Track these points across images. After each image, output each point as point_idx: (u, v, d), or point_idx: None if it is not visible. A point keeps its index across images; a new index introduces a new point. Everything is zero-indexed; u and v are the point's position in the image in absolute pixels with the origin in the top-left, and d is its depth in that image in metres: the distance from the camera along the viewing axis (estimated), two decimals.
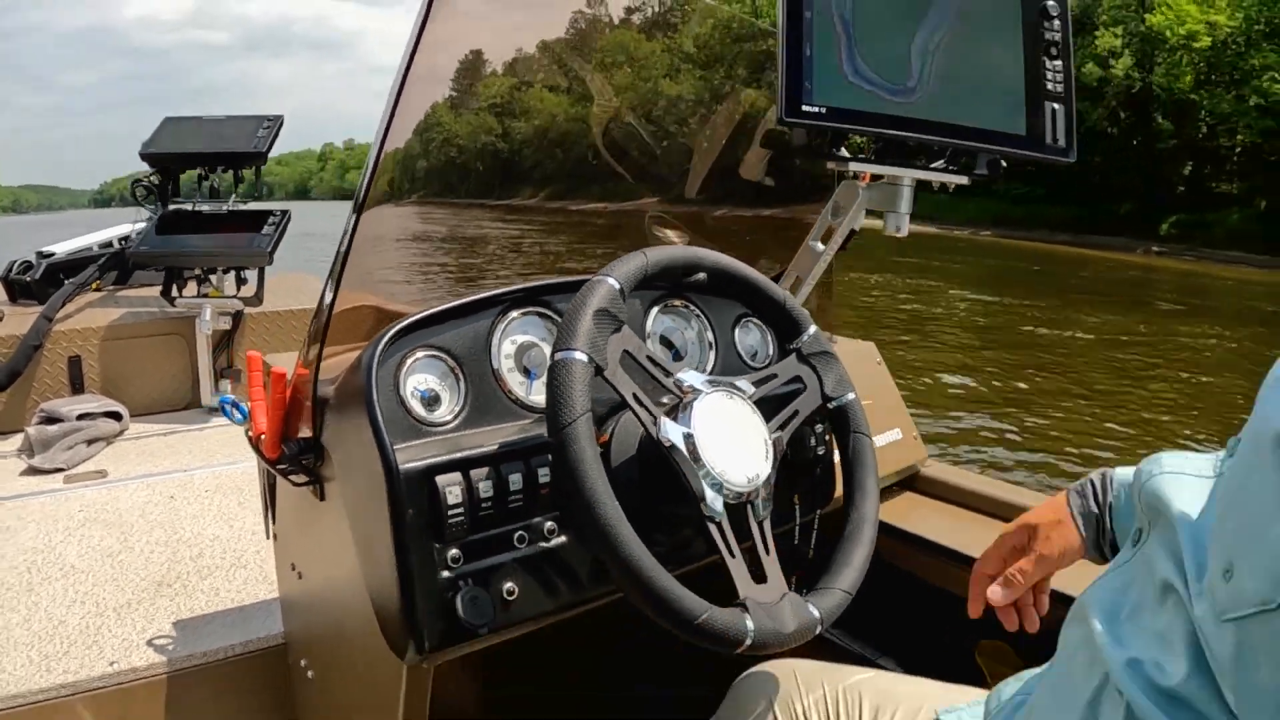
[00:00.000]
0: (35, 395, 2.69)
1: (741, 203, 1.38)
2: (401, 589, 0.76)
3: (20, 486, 2.14)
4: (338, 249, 0.84)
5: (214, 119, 3.26)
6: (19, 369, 2.66)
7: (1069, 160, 1.20)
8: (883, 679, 0.96)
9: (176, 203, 3.17)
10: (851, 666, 0.97)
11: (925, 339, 9.92)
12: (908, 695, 0.91)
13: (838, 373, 0.99)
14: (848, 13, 1.09)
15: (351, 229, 0.82)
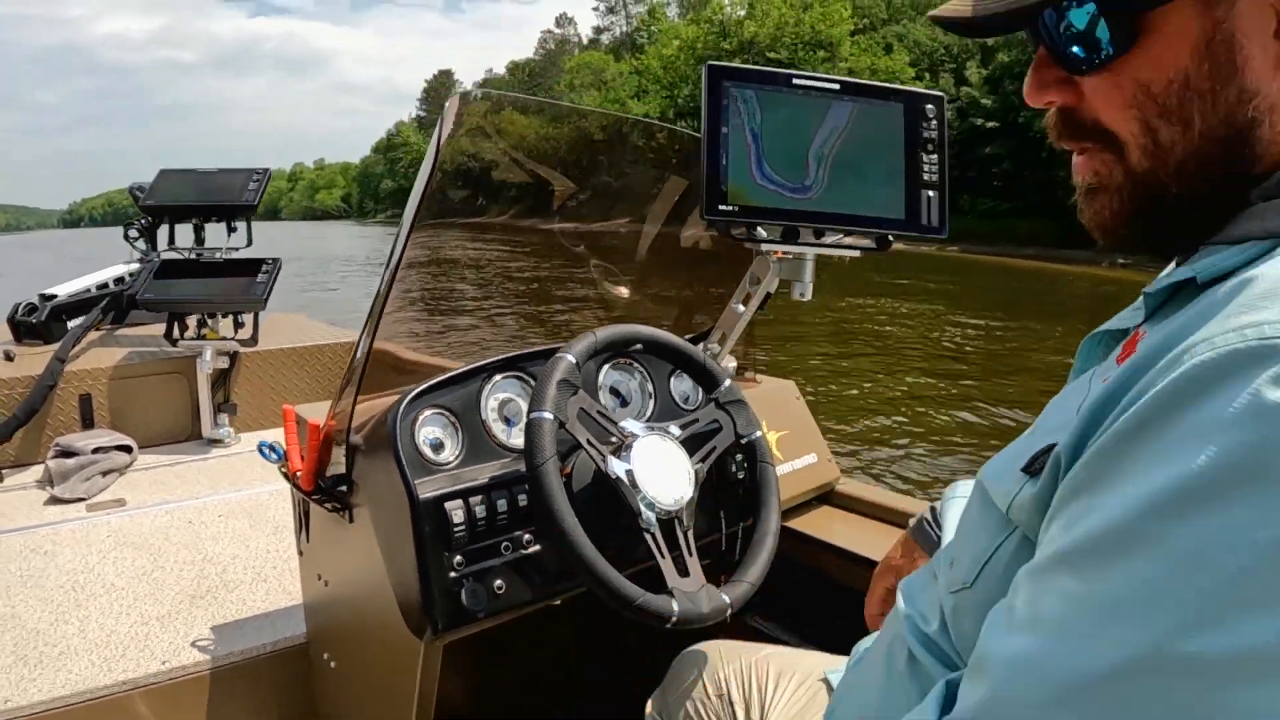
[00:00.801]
0: (49, 430, 2.92)
1: (680, 267, 1.68)
2: (421, 585, 1.05)
3: (49, 515, 2.38)
4: (354, 353, 1.12)
5: (207, 172, 3.51)
6: (36, 407, 2.90)
7: (942, 237, 1.49)
8: (788, 652, 1.24)
9: (174, 249, 3.42)
10: (764, 644, 1.26)
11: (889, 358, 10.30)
12: (806, 663, 1.19)
13: (748, 416, 1.28)
14: (756, 128, 1.38)
15: (367, 352, 1.10)
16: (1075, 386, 0.65)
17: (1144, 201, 0.62)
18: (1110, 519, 0.46)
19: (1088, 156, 0.64)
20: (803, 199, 1.40)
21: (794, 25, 46.64)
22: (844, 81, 1.43)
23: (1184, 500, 0.43)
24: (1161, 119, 0.59)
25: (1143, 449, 0.47)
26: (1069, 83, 0.62)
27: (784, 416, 1.69)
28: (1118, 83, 0.60)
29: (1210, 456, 0.43)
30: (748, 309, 1.51)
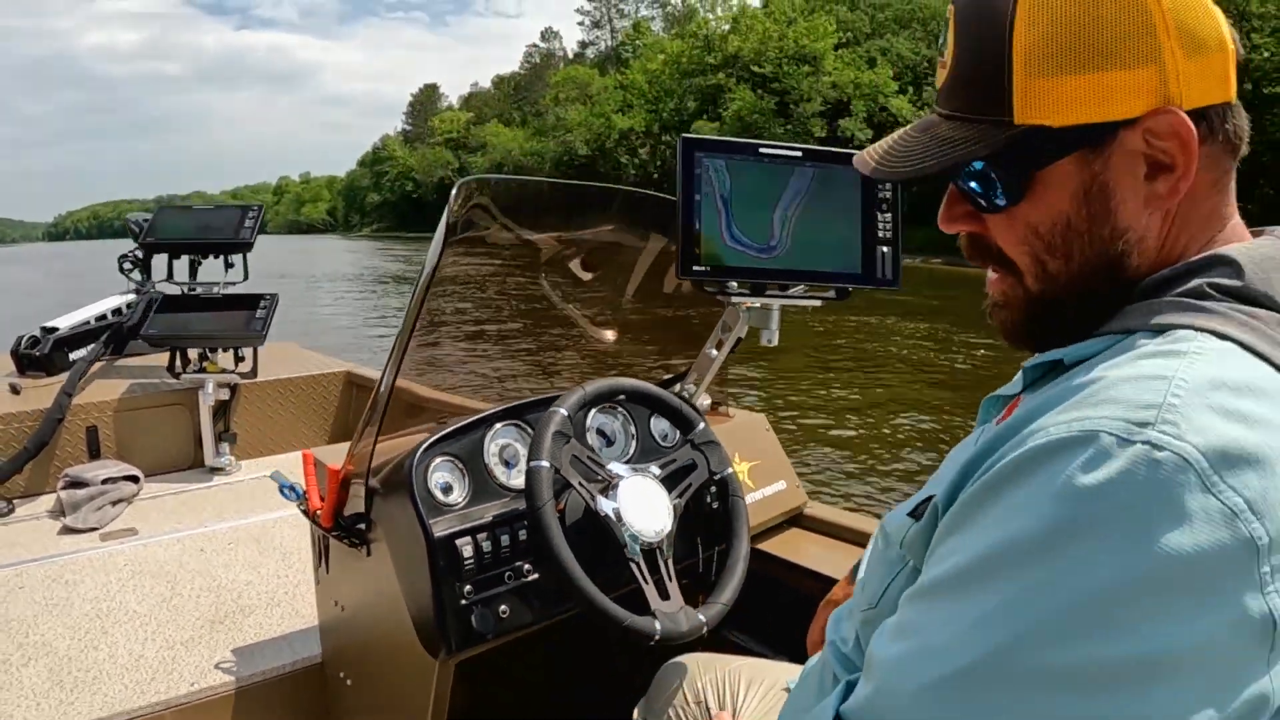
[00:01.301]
0: (57, 462, 3.05)
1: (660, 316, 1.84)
2: (436, 611, 1.21)
3: (65, 545, 2.51)
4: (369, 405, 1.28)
5: (204, 209, 3.67)
6: (46, 439, 3.02)
7: (895, 287, 1.65)
8: (759, 663, 1.39)
9: (173, 283, 3.55)
10: (738, 655, 1.41)
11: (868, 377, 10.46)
12: (775, 672, 1.35)
13: (720, 454, 1.45)
14: (726, 194, 1.54)
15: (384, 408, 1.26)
16: (968, 440, 0.78)
17: (1039, 316, 0.73)
18: (965, 560, 0.58)
19: (997, 277, 0.75)
20: (769, 257, 1.56)
21: (778, 40, 46.93)
22: (806, 149, 1.58)
23: (1012, 554, 0.55)
24: (1047, 254, 0.70)
25: (991, 507, 0.58)
26: (975, 215, 0.73)
27: (755, 448, 1.86)
28: (1011, 224, 0.71)
29: (1029, 524, 0.55)
30: (720, 353, 1.67)
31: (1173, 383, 0.56)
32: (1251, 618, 0.51)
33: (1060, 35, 0.65)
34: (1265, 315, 0.63)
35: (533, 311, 1.60)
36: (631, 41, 74.12)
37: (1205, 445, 0.52)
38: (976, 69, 0.68)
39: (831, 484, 6.34)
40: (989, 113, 0.68)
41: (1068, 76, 0.65)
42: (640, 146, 53.64)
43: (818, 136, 42.95)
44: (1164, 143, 0.65)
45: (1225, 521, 0.51)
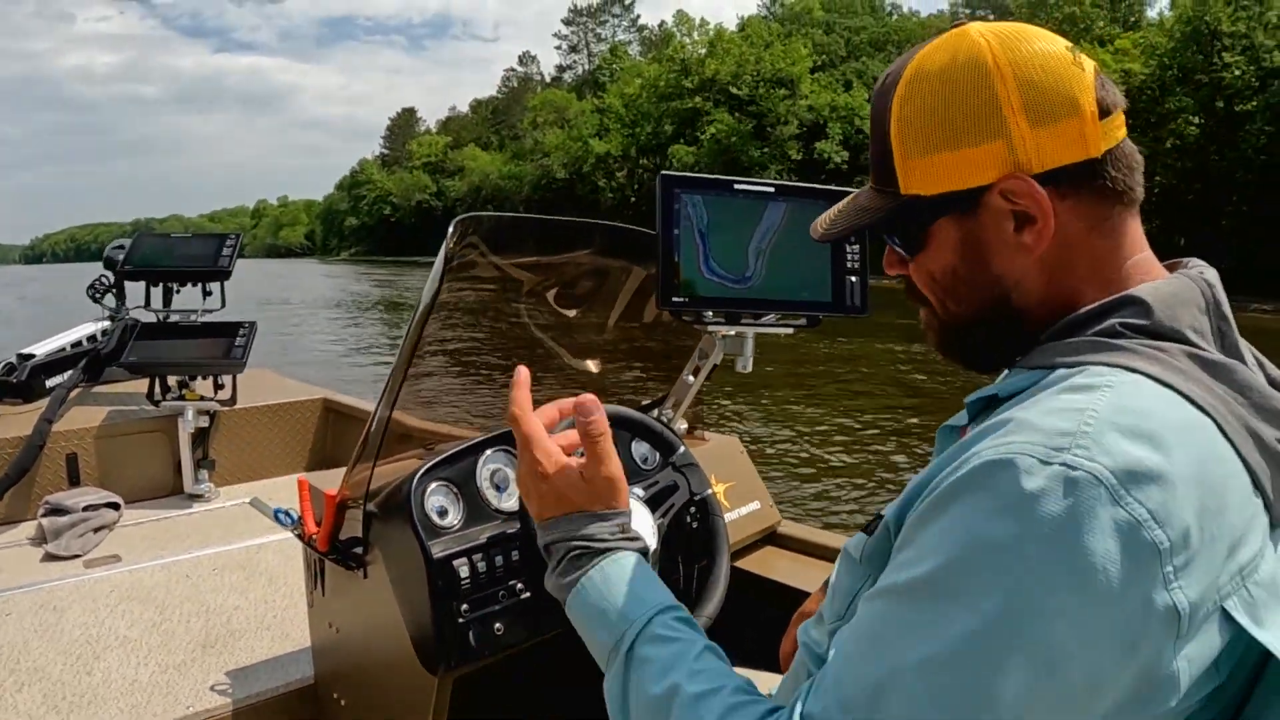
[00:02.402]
0: (37, 489, 3.06)
1: (640, 343, 1.92)
2: (435, 630, 1.26)
3: (50, 572, 2.53)
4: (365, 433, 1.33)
5: (182, 237, 3.70)
6: (26, 466, 3.04)
7: (864, 315, 1.73)
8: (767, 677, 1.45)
9: (149, 310, 3.58)
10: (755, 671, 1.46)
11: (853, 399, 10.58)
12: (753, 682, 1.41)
13: (700, 476, 1.52)
14: (704, 228, 1.61)
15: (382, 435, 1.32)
16: (921, 473, 0.86)
17: (954, 340, 0.88)
18: (912, 571, 0.66)
19: (923, 309, 0.89)
20: (744, 288, 1.63)
21: (755, 63, 47.47)
22: (778, 185, 1.66)
23: (948, 566, 0.64)
24: (945, 295, 0.85)
25: (931, 524, 0.67)
26: (903, 262, 0.88)
27: (730, 469, 1.93)
28: (919, 271, 0.86)
29: (960, 538, 0.64)
30: (697, 379, 1.74)
31: (1086, 413, 0.64)
32: (1158, 609, 0.60)
33: (923, 122, 0.78)
34: (1172, 348, 0.71)
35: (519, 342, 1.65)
36: (609, 65, 74.67)
37: (1113, 465, 0.61)
38: (876, 150, 0.83)
39: (804, 503, 6.43)
40: (888, 185, 0.82)
41: (932, 155, 0.78)
42: (618, 170, 53.89)
43: (795, 159, 43.40)
44: (1022, 202, 0.76)
45: (1131, 530, 0.60)
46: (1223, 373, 0.71)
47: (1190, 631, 0.62)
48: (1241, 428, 0.68)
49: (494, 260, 1.48)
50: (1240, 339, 0.77)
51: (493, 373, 1.93)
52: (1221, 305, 0.77)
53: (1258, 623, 0.66)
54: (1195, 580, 0.61)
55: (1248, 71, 27.92)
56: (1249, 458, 0.67)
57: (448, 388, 1.83)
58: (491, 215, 1.35)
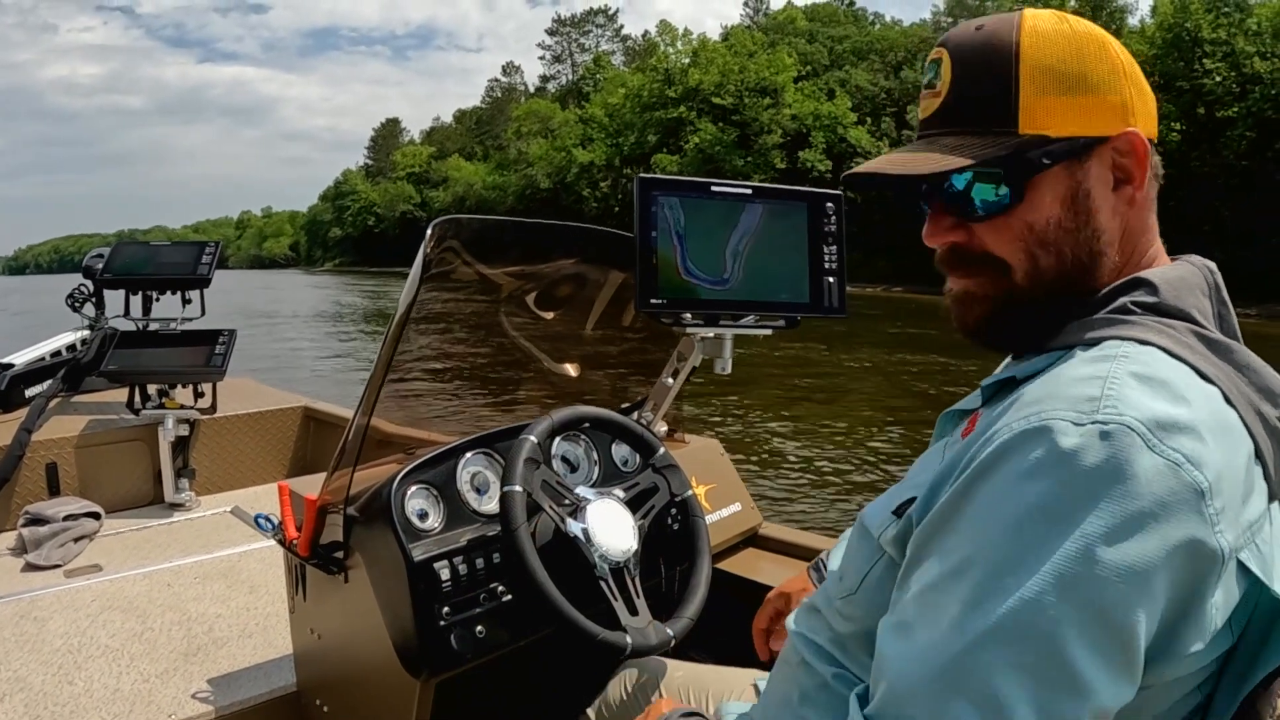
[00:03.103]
0: (17, 499, 3.04)
1: (620, 346, 1.93)
2: (417, 633, 1.27)
3: (31, 582, 2.52)
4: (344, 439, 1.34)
5: (162, 245, 3.68)
6: (6, 476, 3.02)
7: (842, 316, 1.74)
8: (713, 669, 1.45)
9: (128, 319, 3.56)
10: (690, 663, 1.47)
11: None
12: (728, 678, 1.41)
13: (680, 478, 1.53)
14: (681, 230, 1.63)
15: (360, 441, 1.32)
16: (933, 451, 0.89)
17: (1009, 312, 0.83)
18: (956, 554, 0.68)
19: (975, 277, 0.84)
20: (722, 289, 1.64)
21: (738, 72, 47.62)
22: (755, 186, 1.66)
23: (994, 536, 0.65)
24: (1041, 249, 0.81)
25: (967, 505, 0.68)
26: (961, 226, 0.83)
27: (710, 472, 1.94)
28: (1007, 224, 0.81)
29: (1006, 509, 0.65)
30: (676, 382, 1.75)
31: (1108, 379, 0.68)
32: (1207, 549, 0.63)
33: (1059, 65, 0.79)
34: (1179, 325, 0.75)
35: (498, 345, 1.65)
36: (592, 75, 74.80)
37: (1142, 416, 0.64)
38: (980, 92, 0.80)
39: (785, 505, 6.46)
40: (995, 125, 0.79)
41: (1063, 97, 0.79)
42: (602, 180, 53.94)
43: (779, 168, 43.57)
44: (1125, 159, 0.80)
45: (1171, 472, 0.62)
46: (1224, 351, 0.75)
47: (1224, 576, 0.65)
48: (1245, 401, 0.71)
49: (472, 264, 1.49)
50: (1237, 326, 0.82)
51: (472, 377, 1.94)
52: (1221, 291, 0.82)
53: (1267, 578, 0.69)
54: (1228, 525, 0.65)
55: (1229, 78, 28.22)
56: (1252, 427, 0.71)
57: (428, 392, 1.83)
58: (470, 218, 1.35)
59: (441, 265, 1.39)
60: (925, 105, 0.84)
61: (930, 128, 0.84)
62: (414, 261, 1.31)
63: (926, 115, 0.84)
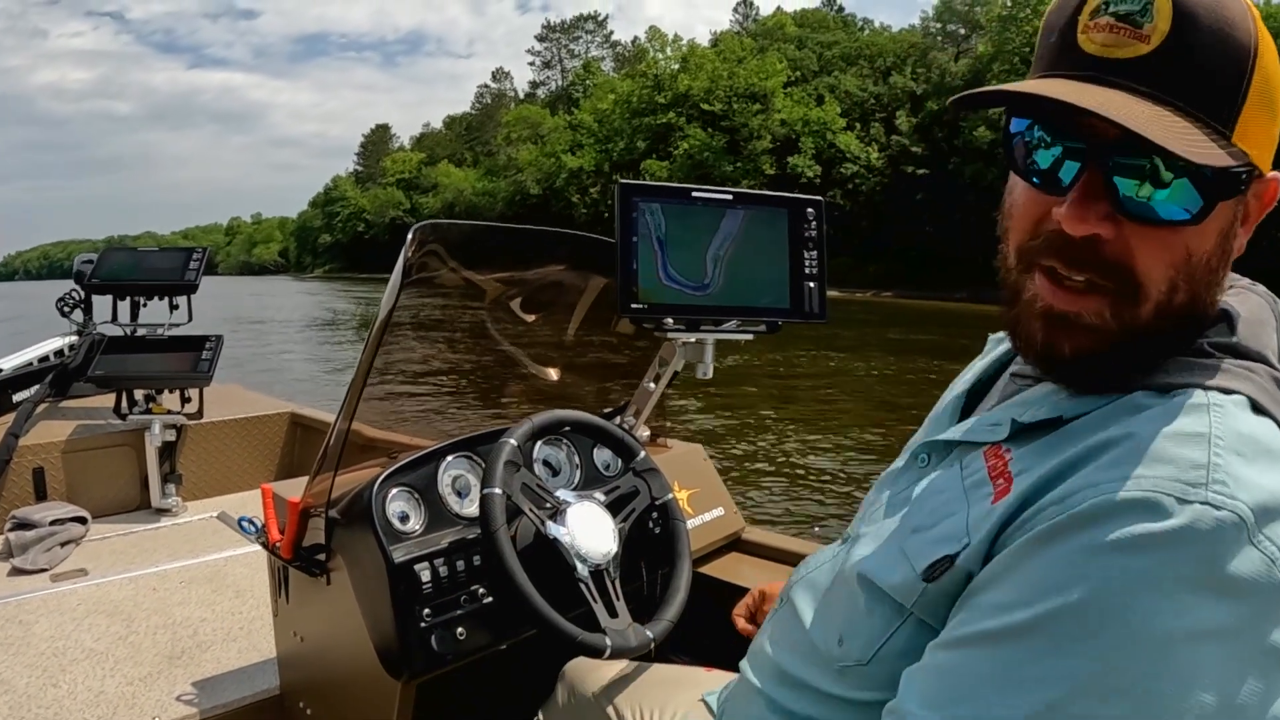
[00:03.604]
0: (4, 503, 3.03)
1: (601, 351, 1.95)
2: (398, 635, 1.28)
3: (17, 586, 2.52)
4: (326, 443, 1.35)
5: (149, 251, 3.69)
6: None
7: (822, 321, 1.75)
8: (695, 671, 1.46)
9: (116, 324, 3.56)
10: (671, 664, 1.49)
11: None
12: (708, 680, 1.43)
13: (661, 481, 1.54)
14: (662, 236, 1.64)
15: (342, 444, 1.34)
16: (952, 495, 0.74)
17: (1127, 347, 0.68)
18: (1020, 614, 0.59)
19: (1090, 295, 0.68)
20: (702, 295, 1.66)
21: (728, 78, 47.78)
22: (736, 192, 1.68)
23: (1073, 605, 0.58)
24: (1185, 282, 0.67)
25: (1038, 563, 0.60)
26: (1114, 219, 0.66)
27: (693, 476, 1.96)
28: (1172, 243, 0.66)
29: (1092, 577, 0.57)
30: (658, 387, 1.77)
31: (1211, 440, 0.60)
32: (1276, 647, 0.58)
33: (1273, 78, 0.66)
34: (1259, 369, 0.68)
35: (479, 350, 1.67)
36: (582, 81, 74.93)
37: (1252, 502, 0.57)
38: (1211, 66, 0.64)
39: (768, 509, 6.51)
40: (1214, 120, 0.64)
41: (1268, 117, 0.66)
42: (591, 186, 54.03)
43: (768, 174, 43.70)
44: (1256, 201, 0.70)
45: (1267, 568, 0.57)
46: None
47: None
48: None
49: (454, 268, 1.51)
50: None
51: (455, 381, 1.95)
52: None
53: None
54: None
55: None
56: None
57: (410, 396, 1.84)
58: (451, 222, 1.38)
59: (423, 270, 1.41)
60: (1115, 42, 0.65)
61: (1125, 75, 0.64)
62: (395, 266, 1.33)
63: (1120, 56, 0.65)
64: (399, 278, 1.31)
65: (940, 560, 0.69)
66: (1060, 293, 0.69)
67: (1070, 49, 0.67)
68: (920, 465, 0.83)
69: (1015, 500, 0.65)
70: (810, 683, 0.82)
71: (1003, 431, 0.73)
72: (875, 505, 0.88)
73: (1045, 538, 0.61)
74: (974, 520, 0.68)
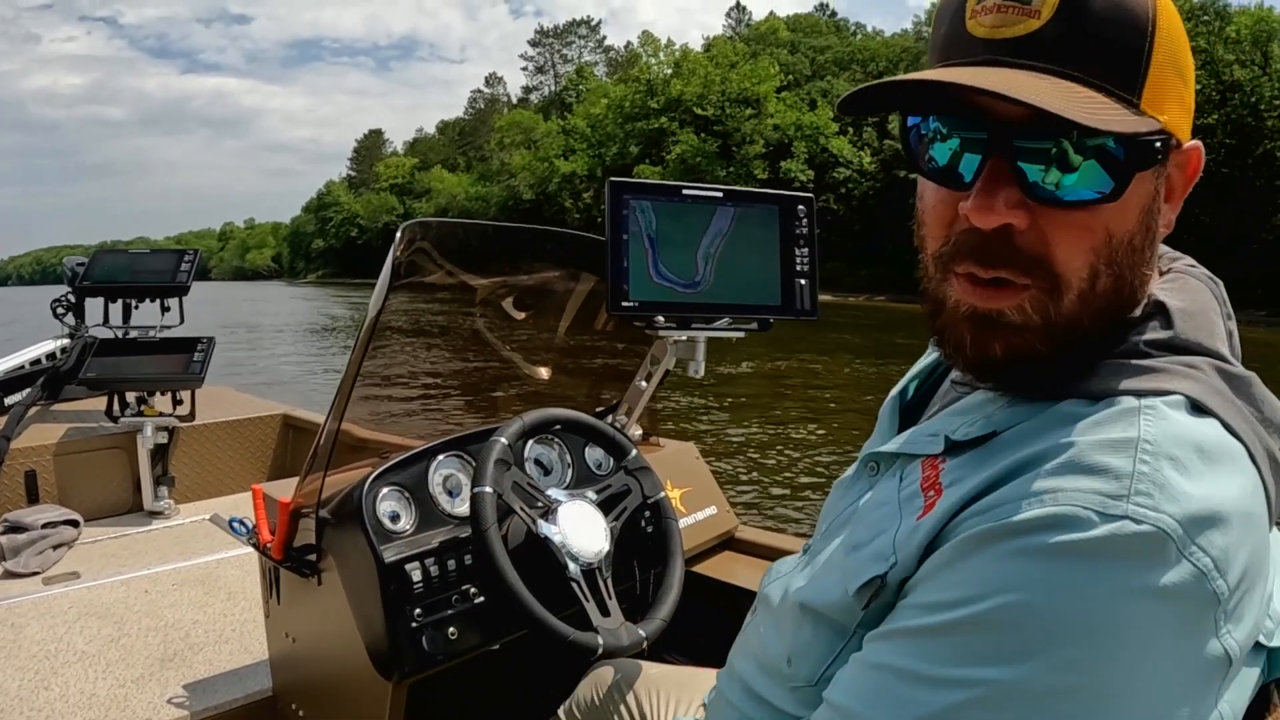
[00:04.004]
0: None
1: (593, 350, 1.95)
2: (389, 635, 1.28)
3: (9, 589, 2.51)
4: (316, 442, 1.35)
5: (141, 253, 3.70)
6: None
7: (814, 318, 1.75)
8: (688, 670, 1.47)
9: (107, 327, 3.55)
10: (660, 664, 1.49)
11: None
12: (699, 680, 1.43)
13: (653, 480, 1.54)
14: (652, 233, 1.64)
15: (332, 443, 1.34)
16: (889, 509, 0.73)
17: (1062, 344, 0.65)
18: (940, 615, 0.60)
19: (1010, 291, 0.65)
20: (693, 292, 1.65)
21: (720, 83, 47.84)
22: (726, 190, 1.67)
23: (990, 618, 0.57)
24: (1106, 267, 0.63)
25: (960, 571, 0.60)
26: (1024, 206, 0.62)
27: (685, 475, 1.96)
28: (1090, 225, 0.62)
29: (1005, 589, 0.56)
30: (649, 385, 1.77)
31: (1139, 447, 0.58)
32: (1210, 658, 0.57)
33: (1179, 41, 0.63)
34: (1201, 362, 0.65)
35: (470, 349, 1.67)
36: (575, 86, 74.97)
37: (1182, 513, 0.55)
38: (1107, 34, 0.61)
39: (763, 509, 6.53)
40: (1119, 89, 0.61)
41: (1178, 79, 0.63)
42: (584, 190, 54.05)
43: (760, 178, 43.78)
44: (1181, 172, 0.67)
45: (1197, 581, 0.55)
46: (1243, 387, 0.66)
47: (1234, 673, 0.59)
48: (1263, 450, 0.63)
49: (443, 266, 1.51)
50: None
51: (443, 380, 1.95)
52: (1228, 304, 0.72)
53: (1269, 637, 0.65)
54: (1243, 623, 0.58)
55: (1208, 85, 28.54)
56: (1267, 481, 0.63)
57: (401, 396, 1.84)
58: (440, 220, 1.37)
59: (412, 268, 1.41)
60: (1004, 21, 0.62)
61: (1019, 54, 0.61)
62: (384, 265, 1.33)
63: (1010, 35, 0.61)
64: (388, 276, 1.31)
65: (871, 580, 0.68)
66: (980, 291, 0.65)
67: (960, 35, 0.64)
68: (870, 474, 0.82)
69: (942, 514, 0.65)
70: (769, 699, 0.82)
71: (938, 445, 0.72)
72: (828, 518, 0.87)
73: (974, 543, 0.60)
74: (900, 538, 0.68)
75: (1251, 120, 27.90)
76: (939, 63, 0.66)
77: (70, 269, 3.70)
